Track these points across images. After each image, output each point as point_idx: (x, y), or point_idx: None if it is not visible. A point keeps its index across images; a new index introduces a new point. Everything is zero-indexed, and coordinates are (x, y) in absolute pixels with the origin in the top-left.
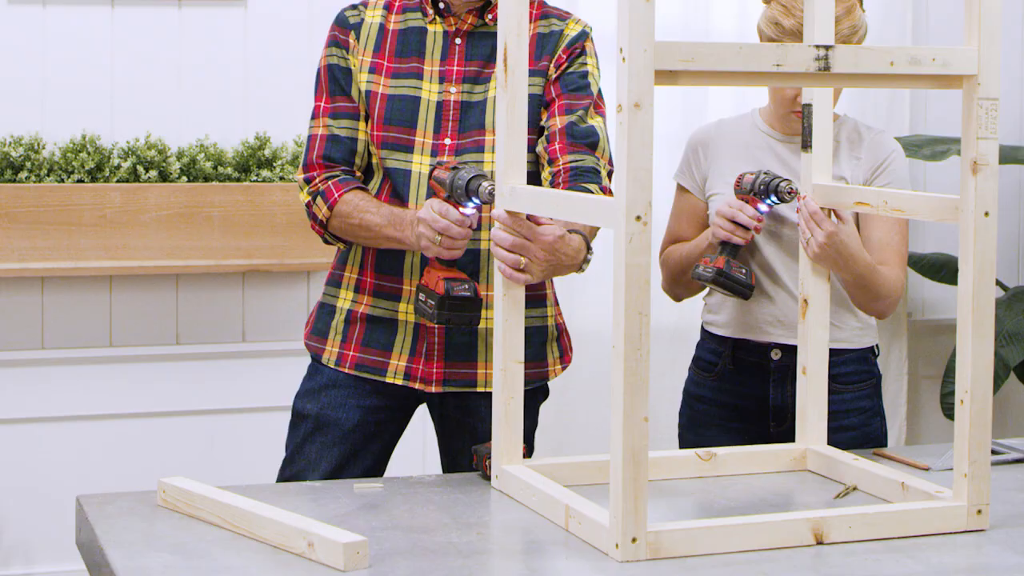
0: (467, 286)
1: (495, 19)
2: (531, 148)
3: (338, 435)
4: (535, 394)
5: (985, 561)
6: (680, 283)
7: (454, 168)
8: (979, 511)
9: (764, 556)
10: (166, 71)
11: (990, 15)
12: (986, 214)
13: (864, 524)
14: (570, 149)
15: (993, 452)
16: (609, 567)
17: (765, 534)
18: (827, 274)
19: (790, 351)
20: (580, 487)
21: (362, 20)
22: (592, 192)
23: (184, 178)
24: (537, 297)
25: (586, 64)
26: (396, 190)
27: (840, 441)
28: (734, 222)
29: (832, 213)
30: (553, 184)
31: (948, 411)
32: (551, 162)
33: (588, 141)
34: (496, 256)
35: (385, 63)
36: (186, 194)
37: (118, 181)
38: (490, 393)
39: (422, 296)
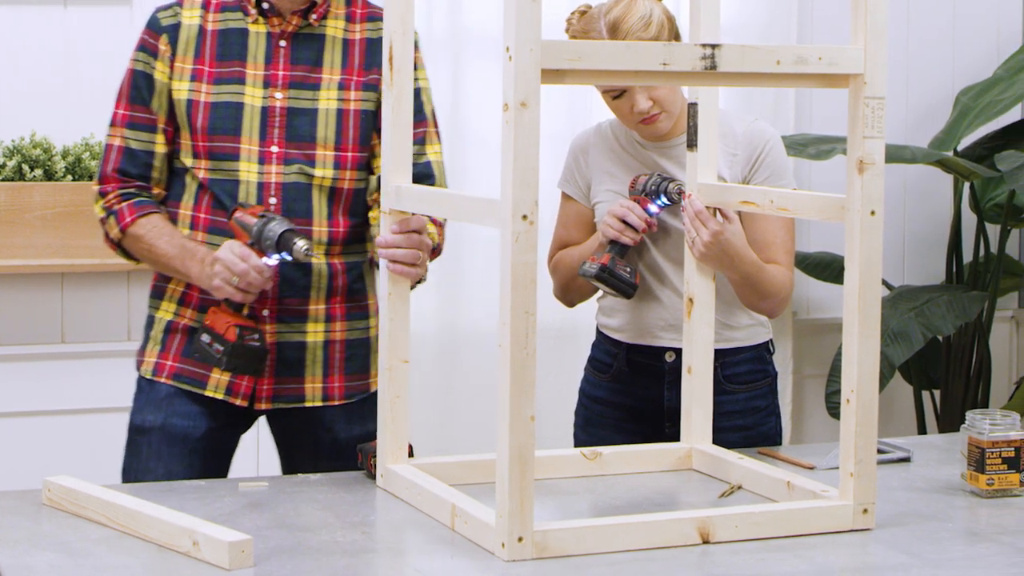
0: (258, 336)
1: (320, 19)
2: (359, 165)
3: (166, 447)
4: (363, 405)
5: (871, 560)
6: (572, 288)
7: (263, 216)
8: (865, 510)
9: (650, 555)
10: (52, 70)
11: (876, 14)
12: (872, 213)
13: (750, 523)
14: None
15: (879, 451)
16: (495, 566)
17: (651, 533)
18: (712, 273)
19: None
20: (466, 486)
21: (179, 22)
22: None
23: (69, 177)
24: (359, 309)
25: (418, 80)
26: (220, 201)
27: (735, 441)
28: (624, 222)
29: (717, 212)
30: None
31: (833, 410)
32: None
33: (425, 184)
34: (390, 256)
35: (206, 68)
36: (71, 193)
37: (2, 180)
38: (327, 408)
39: (206, 338)
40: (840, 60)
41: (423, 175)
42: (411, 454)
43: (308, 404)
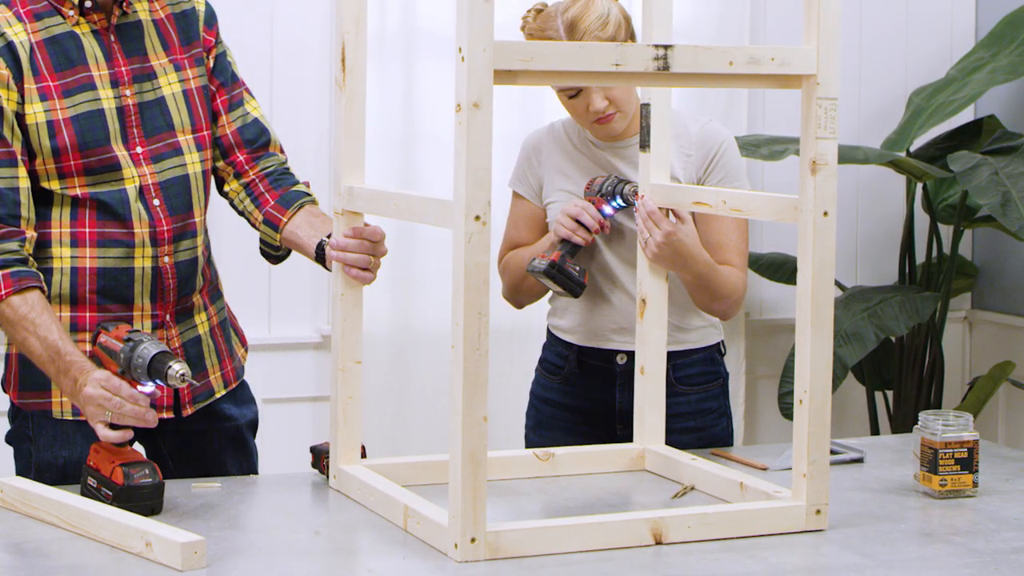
0: (147, 470)
1: (130, 3)
2: (204, 146)
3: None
4: (244, 387)
5: (823, 561)
6: (522, 289)
7: (129, 340)
8: (818, 511)
9: (603, 556)
10: None
11: (829, 15)
12: (825, 214)
13: (703, 524)
14: (254, 157)
15: (831, 452)
16: (448, 567)
17: (604, 534)
18: (665, 274)
19: (635, 355)
20: (419, 487)
21: (10, 42)
22: (304, 189)
23: None
24: (216, 289)
25: (223, 44)
26: (112, 210)
27: (687, 443)
28: (578, 221)
29: (670, 213)
30: (253, 194)
31: (786, 411)
32: (239, 175)
33: (263, 140)
34: (340, 260)
35: (52, 83)
36: None
37: None
38: (228, 392)
39: (92, 482)
40: (793, 61)
41: (259, 132)
42: (364, 455)
43: (218, 395)
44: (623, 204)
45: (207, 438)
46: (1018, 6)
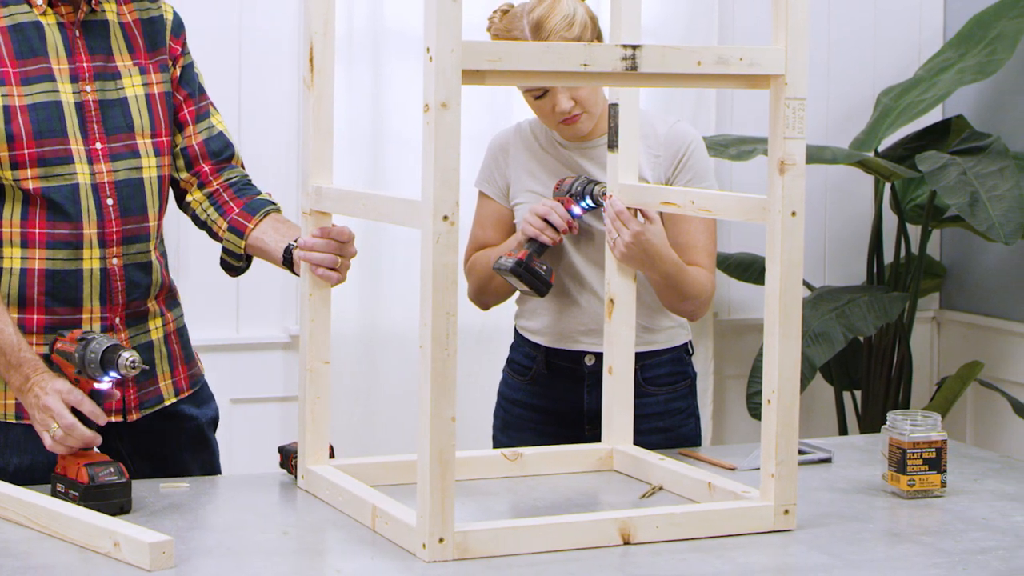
0: (112, 469)
1: (99, 2)
2: (162, 151)
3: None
4: (204, 389)
5: (791, 561)
6: (488, 290)
7: (82, 339)
8: (786, 511)
9: (571, 556)
10: None
11: (797, 15)
12: (793, 214)
13: (671, 524)
14: (218, 168)
15: (800, 452)
16: (416, 567)
17: (572, 534)
18: (633, 274)
19: (603, 356)
20: (387, 487)
21: None
22: (269, 199)
23: None
24: (173, 296)
25: (190, 56)
26: (61, 208)
27: (655, 443)
28: (546, 220)
29: (639, 213)
30: (218, 202)
31: (754, 411)
32: (203, 184)
33: (228, 154)
34: (306, 259)
35: (11, 70)
36: None
37: None
38: (179, 403)
39: (61, 487)
40: (761, 61)
41: (223, 146)
42: (332, 455)
43: (167, 402)
44: (592, 205)
45: (166, 438)
46: (986, 6)
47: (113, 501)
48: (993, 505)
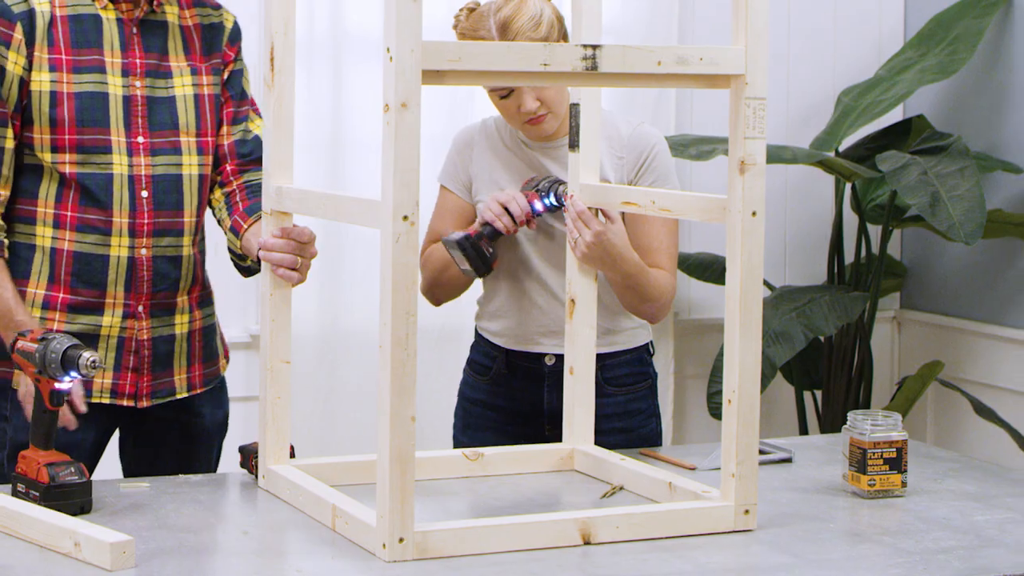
0: (73, 468)
1: (160, 5)
2: (205, 151)
3: None
4: (220, 390)
5: (752, 561)
6: (441, 282)
7: (43, 339)
8: (747, 511)
9: (532, 556)
10: None
11: (757, 15)
12: (753, 214)
13: (631, 524)
14: (241, 169)
15: (760, 452)
16: (376, 567)
17: (533, 534)
18: (595, 274)
19: (564, 356)
20: (347, 487)
21: (31, 9)
22: None
23: None
24: (207, 295)
25: (242, 62)
26: (93, 195)
27: (616, 443)
28: (506, 209)
29: (600, 213)
30: (230, 203)
31: (715, 411)
32: (223, 184)
33: (255, 156)
34: (267, 259)
35: (63, 57)
36: None
37: None
38: (192, 396)
39: (22, 487)
40: (721, 61)
41: (255, 147)
42: (292, 455)
43: (178, 396)
44: (556, 204)
45: (172, 430)
46: (946, 6)
47: (74, 501)
48: (953, 505)
